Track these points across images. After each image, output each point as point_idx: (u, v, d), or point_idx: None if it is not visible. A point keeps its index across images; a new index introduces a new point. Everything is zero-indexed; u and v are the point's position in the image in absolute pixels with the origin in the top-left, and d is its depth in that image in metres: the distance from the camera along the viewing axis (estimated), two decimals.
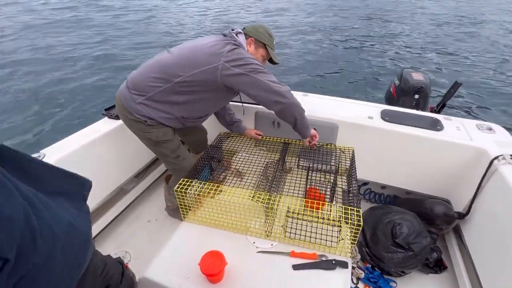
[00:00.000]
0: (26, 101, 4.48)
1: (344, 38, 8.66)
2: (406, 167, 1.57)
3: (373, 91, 5.02)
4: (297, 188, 1.44)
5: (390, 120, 1.53)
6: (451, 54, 7.07)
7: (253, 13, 11.57)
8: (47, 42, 7.38)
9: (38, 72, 5.56)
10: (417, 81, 1.97)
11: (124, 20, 9.77)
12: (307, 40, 8.42)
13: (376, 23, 10.94)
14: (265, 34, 1.32)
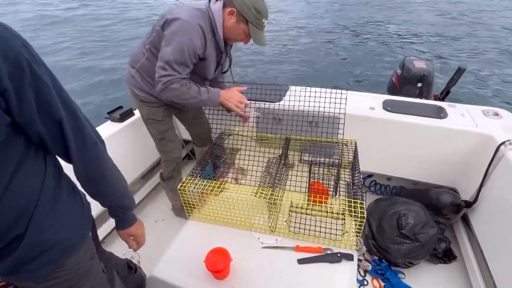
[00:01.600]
0: None
1: (342, 28, 8.54)
2: (411, 157, 1.55)
3: (375, 81, 4.95)
4: (300, 183, 1.44)
5: (392, 110, 1.51)
6: (454, 40, 6.91)
7: None
8: (48, 42, 7.50)
9: None
10: (419, 69, 1.93)
11: (128, 19, 9.85)
12: (305, 32, 8.33)
13: (375, 10, 10.75)
14: (250, 9, 1.10)
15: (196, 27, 1.08)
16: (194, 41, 1.08)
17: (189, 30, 1.08)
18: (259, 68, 5.87)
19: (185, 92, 1.14)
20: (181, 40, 1.07)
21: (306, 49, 6.85)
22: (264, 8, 1.13)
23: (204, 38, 1.12)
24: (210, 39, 1.16)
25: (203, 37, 1.11)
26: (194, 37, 1.08)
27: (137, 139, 1.41)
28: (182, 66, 1.11)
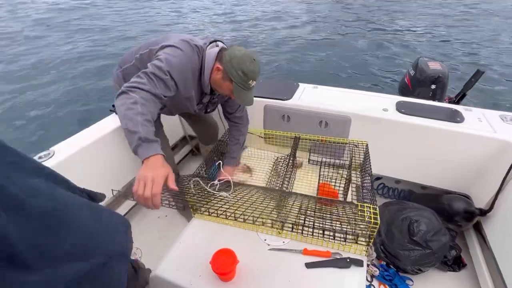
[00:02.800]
0: (36, 98, 4.56)
1: (353, 26, 8.43)
2: (422, 161, 1.51)
3: (385, 82, 4.87)
4: (308, 184, 1.40)
5: (406, 112, 1.46)
6: (471, 41, 6.76)
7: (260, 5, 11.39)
8: (54, 39, 7.49)
9: (48, 69, 5.64)
10: (434, 70, 1.87)
11: (138, 16, 9.80)
12: (315, 29, 8.23)
13: (387, 10, 10.58)
14: (237, 70, 1.05)
15: (186, 60, 1.06)
16: (174, 75, 1.03)
17: (180, 58, 1.04)
18: (268, 65, 5.81)
19: (131, 107, 0.86)
20: (166, 66, 1.00)
21: (316, 47, 6.76)
22: (252, 71, 1.07)
23: (185, 75, 1.08)
24: (193, 78, 1.12)
25: (187, 73, 1.09)
26: (181, 69, 1.05)
27: None
28: (160, 81, 0.98)
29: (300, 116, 1.58)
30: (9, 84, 4.99)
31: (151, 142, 0.85)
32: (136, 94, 0.90)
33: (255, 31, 8.19)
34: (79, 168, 1.28)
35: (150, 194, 0.77)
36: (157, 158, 0.83)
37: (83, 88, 4.87)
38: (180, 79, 1.05)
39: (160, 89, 0.98)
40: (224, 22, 8.96)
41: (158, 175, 0.78)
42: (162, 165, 0.82)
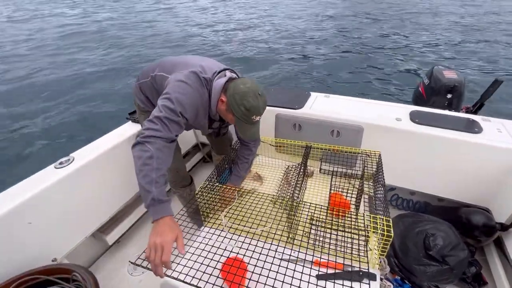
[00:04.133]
0: (58, 106, 4.78)
1: (366, 35, 8.39)
2: (438, 172, 1.46)
3: (398, 91, 4.80)
4: (320, 194, 1.39)
5: (420, 122, 1.43)
6: (490, 49, 6.58)
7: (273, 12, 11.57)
8: (79, 47, 7.87)
9: (72, 78, 5.93)
10: (449, 79, 1.83)
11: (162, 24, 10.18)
12: (327, 38, 8.25)
13: (401, 17, 10.48)
14: (239, 106, 1.04)
15: (195, 95, 1.07)
16: (190, 110, 1.05)
17: (190, 95, 1.05)
18: (280, 73, 5.85)
19: (147, 162, 0.90)
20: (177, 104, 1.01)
21: (328, 55, 6.77)
22: (254, 106, 1.04)
23: (196, 109, 1.09)
24: (203, 109, 1.14)
25: (197, 106, 1.10)
26: (191, 106, 1.06)
27: None
28: (173, 124, 1.00)
29: (312, 125, 1.58)
30: (38, 93, 5.28)
31: (163, 202, 0.90)
32: (151, 146, 0.92)
33: (268, 40, 8.30)
34: (97, 173, 1.33)
35: (160, 261, 0.80)
36: (166, 220, 0.88)
37: (103, 95, 5.07)
38: (191, 114, 1.08)
39: (174, 131, 1.01)
40: (236, 29, 9.15)
41: (167, 242, 0.82)
42: (170, 229, 0.86)
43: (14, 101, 4.94)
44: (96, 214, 1.40)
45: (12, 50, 8.15)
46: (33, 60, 7.28)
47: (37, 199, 1.09)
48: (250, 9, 13.20)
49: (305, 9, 12.76)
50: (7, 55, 7.74)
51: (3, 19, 12.62)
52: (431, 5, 12.91)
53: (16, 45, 8.62)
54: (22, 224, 1.06)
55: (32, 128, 4.15)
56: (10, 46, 8.53)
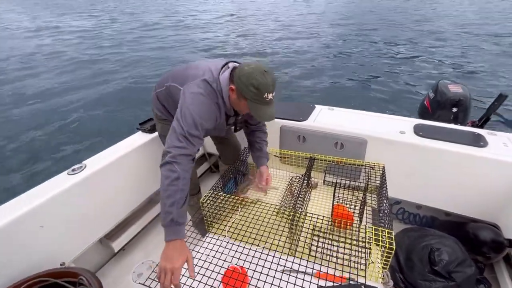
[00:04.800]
0: (72, 115, 4.97)
1: (369, 48, 8.47)
2: (444, 186, 1.45)
3: (403, 105, 4.78)
4: (323, 205, 1.40)
5: (424, 135, 1.44)
6: (494, 63, 6.54)
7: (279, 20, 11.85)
8: (92, 54, 8.21)
9: (86, 87, 6.18)
10: (455, 93, 1.84)
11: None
12: (331, 50, 8.36)
13: (406, 30, 10.55)
14: (248, 86, 1.02)
15: (208, 102, 1.09)
16: (203, 124, 1.06)
17: (202, 112, 1.07)
18: (284, 86, 5.94)
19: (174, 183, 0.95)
20: (193, 119, 1.03)
21: (333, 68, 6.85)
22: (264, 83, 1.01)
23: (212, 114, 1.12)
24: (218, 109, 1.15)
25: (213, 111, 1.12)
26: (207, 120, 1.09)
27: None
28: (196, 139, 1.03)
29: (316, 137, 1.60)
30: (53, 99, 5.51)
31: (179, 225, 0.95)
32: (179, 167, 0.96)
33: (274, 51, 8.47)
34: (106, 181, 1.38)
35: (170, 284, 0.85)
36: (177, 244, 0.92)
37: (115, 104, 5.25)
38: (210, 122, 1.12)
39: (197, 144, 1.05)
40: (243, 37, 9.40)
41: (176, 269, 0.87)
42: (180, 253, 0.90)
43: (38, 110, 5.17)
44: (104, 221, 1.44)
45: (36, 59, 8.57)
46: (51, 70, 7.62)
47: (50, 204, 1.14)
48: (257, 24, 13.56)
49: (310, 23, 13.02)
50: (34, 65, 8.13)
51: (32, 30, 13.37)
52: (438, 19, 12.99)
53: (35, 55, 9.07)
54: (34, 227, 1.11)
55: (52, 133, 4.33)
56: (34, 54, 9.00)
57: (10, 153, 3.92)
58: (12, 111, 5.23)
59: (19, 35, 12.53)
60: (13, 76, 7.23)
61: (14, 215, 1.04)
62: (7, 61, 8.56)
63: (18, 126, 4.64)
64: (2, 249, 1.02)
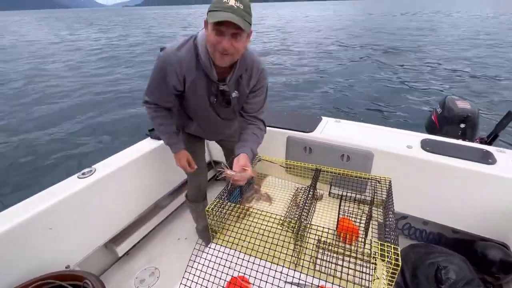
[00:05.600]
0: (87, 118, 5.08)
1: (376, 62, 8.50)
2: (451, 203, 1.43)
3: (409, 119, 4.76)
4: (328, 217, 1.39)
5: (432, 150, 1.43)
6: (503, 80, 6.50)
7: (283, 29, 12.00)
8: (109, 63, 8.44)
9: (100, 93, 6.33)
10: (462, 109, 1.84)
11: None
12: (337, 64, 8.42)
13: (413, 45, 10.59)
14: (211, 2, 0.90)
15: (168, 64, 1.02)
16: (165, 79, 1.05)
17: (160, 66, 1.04)
18: (291, 97, 5.99)
19: (151, 116, 1.22)
20: (154, 73, 1.08)
21: (340, 81, 6.89)
22: None
23: (182, 73, 1.04)
24: (193, 70, 1.04)
25: (179, 71, 1.03)
26: (166, 74, 1.04)
27: (172, 156, 1.50)
28: (151, 97, 1.16)
29: (322, 149, 1.61)
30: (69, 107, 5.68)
31: (171, 145, 1.31)
32: (148, 110, 1.23)
33: (283, 63, 8.57)
34: (114, 185, 1.40)
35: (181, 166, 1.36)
36: (179, 153, 1.34)
37: (126, 112, 5.37)
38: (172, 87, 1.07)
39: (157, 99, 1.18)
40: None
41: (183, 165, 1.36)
42: (181, 158, 1.34)
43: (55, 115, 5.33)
44: (110, 225, 1.45)
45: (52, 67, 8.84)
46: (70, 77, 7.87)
47: (60, 206, 1.17)
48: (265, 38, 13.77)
49: (320, 36, 13.19)
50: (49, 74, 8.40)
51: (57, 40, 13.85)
52: (447, 33, 13.02)
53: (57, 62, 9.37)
54: (43, 229, 1.13)
55: (65, 138, 4.44)
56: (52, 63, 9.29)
57: (28, 153, 4.05)
58: (33, 112, 5.42)
59: (41, 46, 13.03)
60: (34, 81, 7.50)
61: (25, 216, 1.07)
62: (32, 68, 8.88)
63: (38, 125, 4.80)
64: (13, 249, 1.05)
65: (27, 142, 4.33)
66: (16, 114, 5.47)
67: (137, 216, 1.61)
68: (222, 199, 1.29)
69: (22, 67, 9.43)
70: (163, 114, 1.22)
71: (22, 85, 7.42)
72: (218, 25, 0.88)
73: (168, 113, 1.25)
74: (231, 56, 0.96)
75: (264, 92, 1.23)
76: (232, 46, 0.92)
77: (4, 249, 1.02)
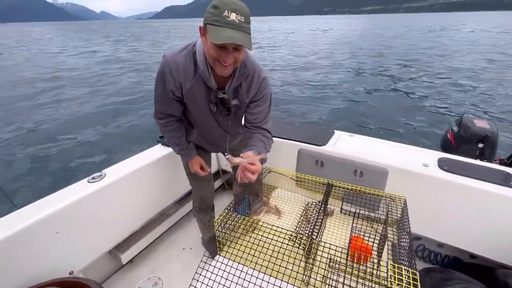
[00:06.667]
0: (100, 123, 5.19)
1: (390, 77, 8.47)
2: (469, 226, 1.36)
3: (423, 136, 4.68)
4: (339, 235, 1.34)
5: (450, 170, 1.38)
6: None
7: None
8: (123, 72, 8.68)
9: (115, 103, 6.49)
10: (480, 128, 1.78)
11: None
12: (354, 77, 8.42)
13: (428, 60, 10.52)
14: (209, 10, 0.84)
15: (166, 69, 1.02)
16: (164, 84, 1.05)
17: (159, 71, 1.05)
18: (304, 109, 5.99)
19: (162, 130, 1.26)
20: (156, 80, 1.08)
21: (354, 97, 6.87)
22: (224, 1, 0.82)
23: (178, 79, 1.02)
24: (190, 77, 1.03)
25: (175, 76, 1.02)
26: (165, 78, 1.04)
27: (181, 164, 1.49)
28: (157, 106, 1.17)
29: (334, 163, 1.57)
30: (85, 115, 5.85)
31: (183, 155, 1.34)
32: (157, 120, 1.26)
33: (298, 77, 8.63)
34: (123, 191, 1.39)
35: (194, 171, 1.38)
36: (191, 161, 1.37)
37: (139, 119, 5.48)
38: (172, 93, 1.06)
39: (164, 109, 1.18)
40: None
41: (195, 170, 1.37)
42: (193, 164, 1.37)
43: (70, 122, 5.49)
44: (116, 231, 1.43)
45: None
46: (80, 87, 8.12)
47: (68, 210, 1.16)
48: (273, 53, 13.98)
49: (335, 49, 13.29)
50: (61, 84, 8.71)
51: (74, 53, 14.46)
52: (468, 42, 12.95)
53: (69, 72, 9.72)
54: (50, 233, 1.12)
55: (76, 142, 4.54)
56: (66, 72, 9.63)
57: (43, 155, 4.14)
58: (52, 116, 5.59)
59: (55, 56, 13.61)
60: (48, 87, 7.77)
61: (34, 219, 1.06)
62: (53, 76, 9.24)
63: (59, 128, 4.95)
64: (20, 252, 1.04)
65: (43, 145, 4.44)
66: (34, 117, 5.64)
67: (143, 223, 1.59)
68: (230, 211, 1.26)
69: (43, 75, 9.81)
70: (173, 128, 1.24)
71: (41, 91, 7.69)
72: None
73: (178, 125, 1.26)
74: (232, 65, 0.95)
75: (267, 101, 1.18)
76: (234, 58, 0.91)
77: (11, 251, 1.01)
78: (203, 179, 1.45)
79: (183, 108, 1.18)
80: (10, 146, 4.41)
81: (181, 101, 1.13)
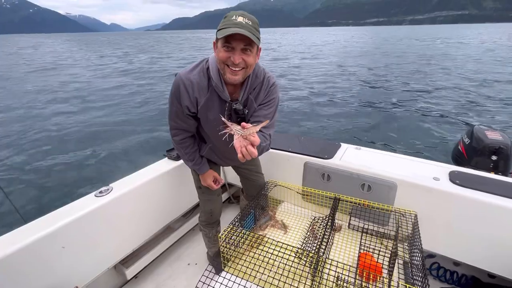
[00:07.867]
0: (106, 137, 5.32)
1: (401, 88, 8.41)
2: (486, 243, 1.29)
3: (432, 149, 4.56)
4: (347, 251, 1.30)
5: (462, 184, 1.33)
6: None
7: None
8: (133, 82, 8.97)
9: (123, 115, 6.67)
10: (493, 140, 1.73)
11: None
12: (361, 90, 8.40)
13: (437, 71, 10.42)
14: (220, 25, 0.94)
15: (181, 86, 1.05)
16: (179, 100, 1.08)
17: (174, 89, 1.08)
18: (310, 121, 5.98)
19: (177, 148, 1.27)
20: (170, 98, 1.12)
21: (361, 109, 6.84)
22: (230, 13, 0.94)
23: (194, 94, 1.06)
24: (205, 92, 1.07)
25: (191, 92, 1.06)
26: (180, 96, 1.07)
27: (187, 178, 1.49)
28: (172, 123, 1.19)
29: (341, 177, 1.55)
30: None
31: (197, 169, 1.33)
32: (173, 137, 1.26)
33: (302, 90, 8.69)
34: (130, 205, 1.40)
35: (207, 185, 1.37)
36: (204, 174, 1.36)
37: (146, 131, 5.58)
38: (186, 109, 1.09)
39: (178, 125, 1.18)
40: None
41: (208, 184, 1.36)
42: (206, 178, 1.36)
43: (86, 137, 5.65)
44: (122, 245, 1.43)
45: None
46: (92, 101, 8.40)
47: (75, 225, 1.17)
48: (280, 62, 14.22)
49: (344, 61, 13.40)
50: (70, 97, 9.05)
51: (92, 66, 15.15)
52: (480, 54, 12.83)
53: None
54: (56, 247, 1.13)
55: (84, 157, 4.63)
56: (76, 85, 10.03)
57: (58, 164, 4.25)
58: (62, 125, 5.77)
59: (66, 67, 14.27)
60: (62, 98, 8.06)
61: (41, 233, 1.07)
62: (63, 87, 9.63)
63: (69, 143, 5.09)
64: (26, 267, 1.04)
65: (53, 158, 4.55)
66: (41, 127, 5.83)
67: (149, 237, 1.59)
68: (235, 226, 1.24)
69: (55, 87, 10.21)
70: (187, 144, 1.26)
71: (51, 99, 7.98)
72: (228, 41, 0.92)
73: (192, 141, 1.27)
74: (243, 71, 0.98)
75: (273, 106, 1.17)
76: (242, 60, 0.95)
77: (18, 266, 1.02)
78: (212, 192, 1.44)
79: (197, 124, 1.21)
80: (20, 159, 4.55)
81: (195, 116, 1.16)
